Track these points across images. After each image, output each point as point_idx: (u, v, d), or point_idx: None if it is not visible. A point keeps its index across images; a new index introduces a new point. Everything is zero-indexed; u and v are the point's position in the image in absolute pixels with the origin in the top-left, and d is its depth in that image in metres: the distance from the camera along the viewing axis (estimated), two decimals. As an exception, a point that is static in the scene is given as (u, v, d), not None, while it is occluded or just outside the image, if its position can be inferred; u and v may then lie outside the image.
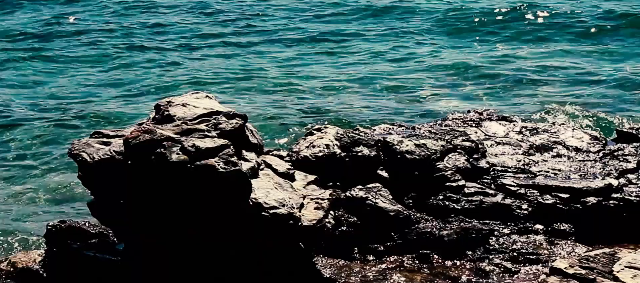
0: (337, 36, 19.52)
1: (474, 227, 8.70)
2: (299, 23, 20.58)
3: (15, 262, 8.73)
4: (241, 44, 19.30)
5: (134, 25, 20.62)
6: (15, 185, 11.84)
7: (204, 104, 8.23)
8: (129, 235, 8.04)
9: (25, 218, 10.78)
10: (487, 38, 19.10)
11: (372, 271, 8.33)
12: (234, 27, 20.41)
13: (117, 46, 19.10)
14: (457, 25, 19.94)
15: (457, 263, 8.42)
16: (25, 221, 10.68)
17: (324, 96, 15.65)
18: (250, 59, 18.18)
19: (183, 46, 19.14)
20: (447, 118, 10.94)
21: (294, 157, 9.13)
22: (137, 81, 16.76)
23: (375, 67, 17.34)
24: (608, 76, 15.98)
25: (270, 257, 7.83)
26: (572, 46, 18.13)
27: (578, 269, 6.93)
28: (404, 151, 9.27)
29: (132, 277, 8.04)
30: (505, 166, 9.51)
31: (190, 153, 7.47)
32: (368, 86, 16.17)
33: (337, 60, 17.96)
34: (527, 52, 17.83)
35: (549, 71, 16.51)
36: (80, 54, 18.66)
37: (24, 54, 18.61)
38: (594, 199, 8.95)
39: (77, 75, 17.26)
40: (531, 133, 10.38)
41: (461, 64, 17.01)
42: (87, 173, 7.93)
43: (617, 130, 10.79)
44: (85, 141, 8.13)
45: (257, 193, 7.68)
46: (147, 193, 7.66)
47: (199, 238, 7.71)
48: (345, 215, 8.77)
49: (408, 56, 17.98)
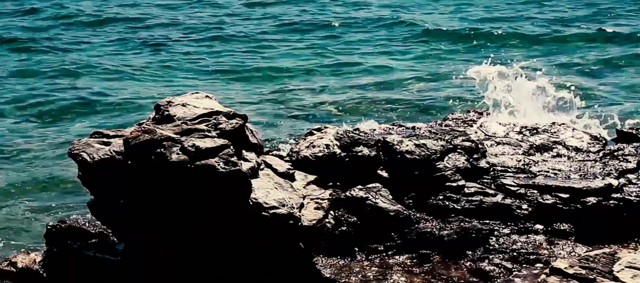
0: (336, 34, 19.51)
1: (474, 227, 8.70)
2: (299, 22, 20.58)
3: (15, 262, 8.73)
4: (241, 43, 19.31)
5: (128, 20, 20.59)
6: (15, 184, 11.83)
7: (204, 104, 8.23)
8: (129, 235, 8.03)
9: (25, 218, 10.77)
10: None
11: (372, 271, 8.33)
12: (234, 27, 20.40)
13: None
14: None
15: (457, 263, 8.42)
16: (25, 221, 10.67)
17: (324, 96, 15.65)
18: (250, 59, 18.18)
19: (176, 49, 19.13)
20: (447, 118, 10.95)
21: (294, 157, 9.13)
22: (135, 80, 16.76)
23: (374, 67, 17.35)
24: (609, 77, 15.99)
25: (270, 257, 7.82)
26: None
27: (578, 269, 6.92)
28: (404, 151, 9.27)
29: (132, 277, 8.04)
30: (505, 166, 9.51)
31: (190, 153, 7.47)
32: (368, 85, 16.17)
33: (337, 59, 17.96)
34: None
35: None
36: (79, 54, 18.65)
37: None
38: (594, 199, 8.95)
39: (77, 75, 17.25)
40: (531, 132, 10.38)
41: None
42: (87, 173, 7.93)
43: (617, 130, 10.78)
44: (85, 141, 8.12)
45: (257, 193, 7.68)
46: (147, 193, 7.66)
47: (199, 238, 7.71)
48: (345, 215, 8.77)
49: (413, 57, 18.01)
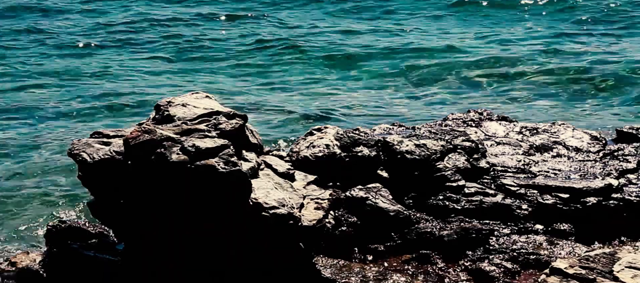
0: (335, 35, 19.52)
1: (474, 227, 8.70)
2: (298, 22, 20.58)
3: (15, 262, 8.74)
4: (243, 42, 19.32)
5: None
6: (15, 184, 11.83)
7: (204, 104, 8.23)
8: (129, 235, 8.03)
9: (26, 218, 10.77)
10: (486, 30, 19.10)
11: (372, 271, 8.33)
12: (235, 29, 20.41)
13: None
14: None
15: (457, 263, 8.42)
16: (25, 221, 10.68)
17: (323, 96, 15.64)
18: (249, 59, 18.17)
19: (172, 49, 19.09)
20: (447, 118, 10.94)
21: (294, 157, 9.13)
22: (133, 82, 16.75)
23: (374, 67, 17.34)
24: (608, 77, 15.98)
25: (270, 257, 7.82)
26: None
27: (578, 269, 6.92)
28: (404, 151, 9.27)
29: (132, 277, 8.04)
30: (505, 166, 9.51)
31: (190, 153, 7.47)
32: (368, 85, 16.16)
33: (336, 59, 17.95)
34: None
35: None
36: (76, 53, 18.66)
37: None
38: (594, 199, 8.95)
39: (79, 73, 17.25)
40: (531, 133, 10.38)
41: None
42: (87, 173, 7.93)
43: (617, 130, 10.78)
44: (85, 141, 8.13)
45: (257, 193, 7.69)
46: (147, 193, 7.66)
47: (198, 238, 7.71)
48: (345, 215, 8.77)
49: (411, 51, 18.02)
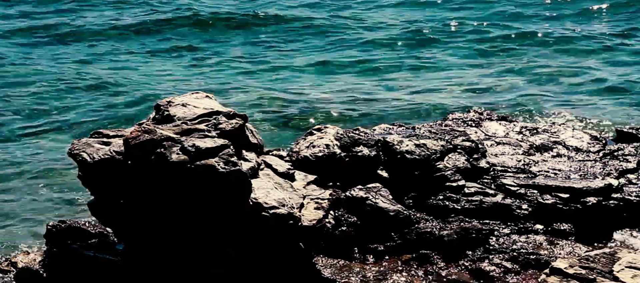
0: (333, 35, 19.53)
1: (474, 227, 8.70)
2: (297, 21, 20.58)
3: (15, 262, 8.74)
4: (243, 42, 19.32)
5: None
6: (15, 184, 11.83)
7: (204, 104, 8.23)
8: (129, 235, 8.03)
9: (25, 218, 10.77)
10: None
11: (372, 271, 8.33)
12: (235, 30, 20.41)
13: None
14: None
15: (457, 263, 8.42)
16: (25, 221, 10.67)
17: (323, 96, 15.65)
18: (250, 58, 18.18)
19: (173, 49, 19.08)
20: (447, 118, 10.95)
21: (294, 157, 9.13)
22: (133, 83, 16.75)
23: (374, 66, 17.35)
24: (608, 77, 15.99)
25: (270, 257, 7.82)
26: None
27: (578, 269, 6.92)
28: (404, 151, 9.27)
29: (132, 277, 8.04)
30: (505, 166, 9.51)
31: (190, 153, 7.47)
32: (367, 85, 16.17)
33: (335, 59, 17.96)
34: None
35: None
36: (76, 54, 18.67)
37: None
38: (594, 199, 8.95)
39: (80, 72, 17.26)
40: (531, 133, 10.39)
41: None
42: (87, 173, 7.93)
43: (617, 130, 10.80)
44: (85, 141, 8.12)
45: (257, 193, 7.68)
46: (147, 193, 7.66)
47: (198, 238, 7.71)
48: (345, 215, 8.77)
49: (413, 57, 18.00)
